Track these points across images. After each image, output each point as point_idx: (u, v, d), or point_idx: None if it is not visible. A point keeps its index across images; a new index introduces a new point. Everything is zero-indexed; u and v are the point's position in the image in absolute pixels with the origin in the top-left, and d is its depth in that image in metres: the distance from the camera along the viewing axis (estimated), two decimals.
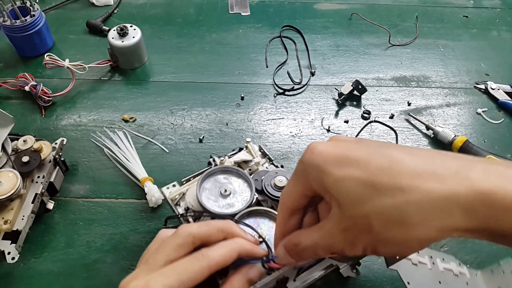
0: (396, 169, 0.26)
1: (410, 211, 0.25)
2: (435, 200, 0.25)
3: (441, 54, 0.80)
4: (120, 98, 0.69)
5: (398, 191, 0.26)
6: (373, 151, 0.28)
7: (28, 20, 0.70)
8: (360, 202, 0.27)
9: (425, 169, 0.26)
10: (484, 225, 0.25)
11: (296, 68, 0.76)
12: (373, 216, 0.27)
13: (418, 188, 0.25)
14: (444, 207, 0.25)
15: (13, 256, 0.47)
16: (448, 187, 0.25)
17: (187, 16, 0.85)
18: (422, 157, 0.27)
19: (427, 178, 0.25)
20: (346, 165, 0.28)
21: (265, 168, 0.52)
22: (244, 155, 0.52)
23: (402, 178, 0.26)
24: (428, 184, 0.25)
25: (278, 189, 0.47)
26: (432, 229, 0.25)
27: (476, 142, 0.65)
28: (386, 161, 0.27)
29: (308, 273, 0.44)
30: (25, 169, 0.52)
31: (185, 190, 0.48)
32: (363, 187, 0.27)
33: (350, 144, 0.29)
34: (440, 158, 0.26)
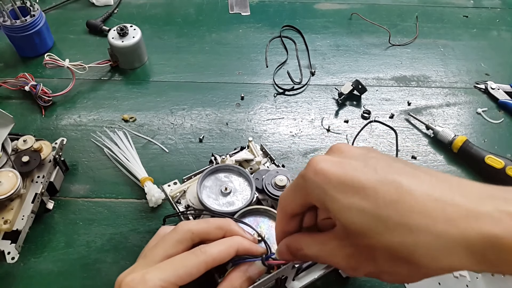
0: (405, 205, 0.26)
1: (418, 252, 0.25)
2: (444, 243, 0.25)
3: (441, 54, 0.80)
4: (120, 98, 0.69)
5: (407, 230, 0.25)
6: (381, 177, 0.27)
7: (28, 20, 0.70)
8: (366, 235, 0.27)
9: (434, 208, 0.25)
10: (493, 269, 0.24)
11: (296, 68, 0.76)
12: (379, 251, 0.27)
13: (427, 229, 0.25)
14: (453, 250, 0.24)
15: (13, 256, 0.47)
16: (458, 230, 0.24)
17: (187, 16, 0.85)
18: (431, 189, 0.26)
19: (437, 219, 0.25)
20: (352, 193, 0.27)
21: (266, 168, 0.52)
22: (245, 154, 0.52)
23: (411, 217, 0.25)
24: (438, 226, 0.25)
25: (278, 188, 0.47)
26: (439, 268, 0.25)
27: (476, 142, 0.65)
28: (395, 193, 0.26)
29: (307, 273, 0.44)
30: (25, 169, 0.52)
31: (186, 188, 0.49)
32: (370, 220, 0.26)
33: (357, 165, 0.28)
34: (449, 191, 0.26)
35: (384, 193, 0.26)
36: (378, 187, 0.26)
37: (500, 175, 0.59)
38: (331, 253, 0.30)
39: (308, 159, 0.62)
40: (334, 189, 0.28)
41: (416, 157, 0.64)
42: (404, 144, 0.65)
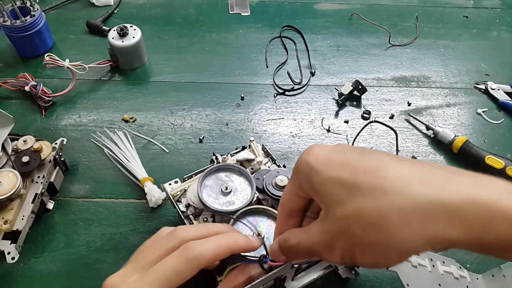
0: (382, 172, 0.26)
1: (391, 214, 0.25)
2: (419, 205, 0.24)
3: (441, 54, 0.80)
4: (120, 98, 0.69)
5: (381, 193, 0.25)
6: (365, 156, 0.28)
7: (28, 20, 0.70)
8: (342, 203, 0.27)
9: (411, 175, 0.25)
10: (473, 235, 0.23)
11: (296, 68, 0.76)
12: (353, 218, 0.26)
13: (401, 191, 0.25)
14: (428, 212, 0.24)
15: (13, 256, 0.47)
16: (433, 192, 0.24)
17: (187, 16, 0.85)
18: (411, 164, 0.26)
19: (412, 183, 0.25)
20: (335, 167, 0.28)
21: (267, 168, 0.52)
22: (246, 154, 0.52)
23: (387, 181, 0.25)
24: (413, 189, 0.25)
25: (279, 188, 0.47)
26: (412, 236, 0.24)
27: (476, 142, 0.65)
28: (375, 164, 0.27)
29: (306, 273, 0.44)
30: (25, 169, 0.52)
31: (187, 187, 0.49)
32: (347, 188, 0.27)
33: (347, 149, 0.29)
34: (429, 167, 0.26)
35: (365, 164, 0.27)
36: (361, 160, 0.27)
37: (500, 176, 0.58)
38: (311, 235, 0.30)
39: None
40: (321, 164, 0.28)
41: (416, 157, 0.64)
42: (404, 145, 0.65)
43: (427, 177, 0.25)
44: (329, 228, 0.28)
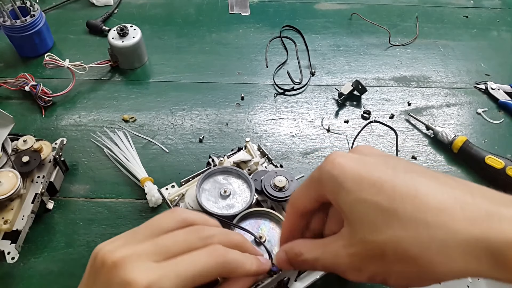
0: (422, 200, 0.24)
1: (433, 249, 0.24)
2: (462, 241, 0.23)
3: (441, 54, 0.80)
4: (120, 98, 0.69)
5: (422, 225, 0.24)
6: (400, 175, 0.26)
7: (28, 20, 0.70)
8: (377, 229, 0.25)
9: (453, 206, 0.24)
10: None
11: (296, 68, 0.76)
12: (389, 246, 0.25)
13: (444, 225, 0.23)
14: (472, 250, 0.23)
15: (13, 256, 0.47)
16: (478, 230, 0.23)
17: (187, 16, 0.85)
18: (450, 189, 0.25)
19: (455, 217, 0.23)
20: (368, 186, 0.26)
21: (264, 168, 0.52)
22: (243, 155, 0.51)
23: (428, 212, 0.24)
24: (456, 223, 0.23)
25: (277, 189, 0.47)
26: (452, 271, 0.24)
27: (476, 142, 0.65)
28: (413, 189, 0.25)
29: (309, 273, 0.44)
30: (25, 169, 0.52)
31: (184, 191, 0.48)
32: (384, 214, 0.25)
33: (376, 163, 0.27)
34: (470, 194, 0.24)
35: (401, 188, 0.25)
36: (396, 183, 0.25)
37: (500, 175, 0.59)
38: (334, 254, 0.28)
39: (308, 159, 0.63)
40: (350, 181, 0.27)
41: (416, 157, 0.64)
42: (404, 145, 0.65)
43: (471, 210, 0.24)
44: (359, 252, 0.27)
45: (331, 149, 0.64)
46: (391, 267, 0.25)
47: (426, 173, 0.26)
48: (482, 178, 0.61)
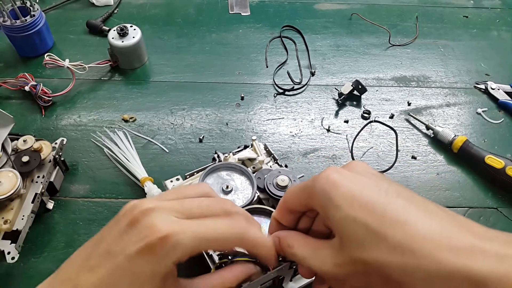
0: (410, 228, 0.25)
1: (416, 276, 0.25)
2: (445, 271, 0.24)
3: (441, 54, 0.80)
4: (120, 98, 0.69)
5: (408, 252, 0.25)
6: (391, 200, 0.27)
7: (28, 20, 0.70)
8: (365, 249, 0.26)
9: (440, 237, 0.25)
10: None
11: (296, 68, 0.76)
12: (373, 266, 0.26)
13: (429, 255, 0.24)
14: (453, 280, 0.24)
15: (13, 256, 0.47)
16: (462, 261, 0.24)
17: (187, 16, 0.85)
18: (439, 221, 0.26)
19: (441, 248, 0.24)
20: (359, 205, 0.27)
21: (269, 167, 0.52)
22: (248, 153, 0.52)
23: (415, 241, 0.25)
24: (441, 254, 0.24)
25: (280, 188, 0.47)
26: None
27: (476, 142, 0.65)
28: (402, 215, 0.26)
29: None
30: (25, 169, 0.52)
31: (188, 184, 0.49)
32: (372, 235, 0.26)
33: (369, 183, 0.28)
34: (457, 227, 0.25)
35: (392, 212, 0.26)
36: (387, 206, 0.26)
37: (500, 175, 0.59)
38: (321, 259, 0.29)
39: (308, 159, 0.63)
40: (342, 198, 0.28)
41: (416, 157, 0.64)
42: (404, 144, 0.65)
43: (456, 242, 0.24)
44: (344, 265, 0.28)
45: (331, 149, 0.64)
46: (373, 285, 0.27)
47: (416, 200, 0.27)
48: (482, 178, 0.61)
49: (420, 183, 0.61)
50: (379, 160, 0.63)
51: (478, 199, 0.59)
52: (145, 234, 0.28)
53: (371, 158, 0.63)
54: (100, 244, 0.29)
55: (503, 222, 0.57)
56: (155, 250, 0.27)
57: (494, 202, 0.59)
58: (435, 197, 0.59)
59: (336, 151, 0.64)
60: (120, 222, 0.29)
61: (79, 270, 0.29)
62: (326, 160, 0.63)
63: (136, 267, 0.27)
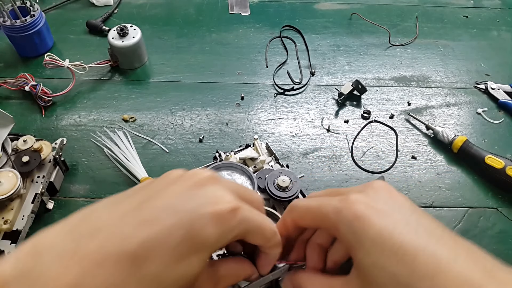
0: (440, 282, 0.25)
1: None
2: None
3: (441, 54, 0.80)
4: (120, 98, 0.69)
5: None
6: (422, 245, 0.26)
7: (28, 20, 0.70)
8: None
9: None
10: None
11: (296, 68, 0.76)
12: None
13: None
14: None
15: None
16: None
17: (187, 16, 0.85)
18: (468, 269, 0.25)
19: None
20: (389, 253, 0.26)
21: (270, 167, 0.52)
22: (250, 152, 0.52)
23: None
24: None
25: (280, 189, 0.47)
26: None
27: (476, 142, 0.65)
28: (432, 267, 0.25)
29: None
30: (25, 169, 0.52)
31: None
32: (400, 286, 0.26)
33: (398, 220, 0.27)
34: (487, 275, 0.25)
35: (421, 264, 0.25)
36: (418, 255, 0.26)
37: (500, 175, 0.59)
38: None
39: (308, 159, 0.63)
40: (371, 243, 0.27)
41: (416, 157, 0.64)
42: (404, 144, 0.65)
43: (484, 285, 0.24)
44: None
45: (331, 149, 0.64)
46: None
47: (445, 241, 0.27)
48: (482, 178, 0.61)
49: (420, 183, 0.61)
50: (379, 160, 0.63)
51: (478, 199, 0.59)
52: (214, 200, 0.26)
53: (371, 158, 0.63)
54: (156, 198, 0.26)
55: (503, 222, 0.57)
56: (225, 219, 0.26)
57: (494, 202, 0.59)
58: (435, 197, 0.59)
59: (336, 151, 0.64)
60: (181, 182, 0.27)
61: (125, 220, 0.25)
62: (326, 160, 0.63)
63: (203, 229, 0.25)
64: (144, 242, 0.24)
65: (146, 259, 0.23)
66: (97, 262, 0.23)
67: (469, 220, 0.57)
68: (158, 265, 0.24)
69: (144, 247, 0.24)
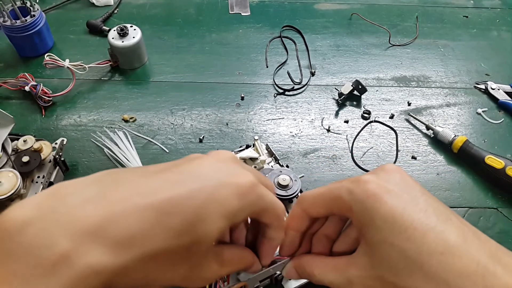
0: (448, 259, 0.25)
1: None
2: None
3: (441, 54, 0.80)
4: (120, 98, 0.70)
5: (443, 285, 0.25)
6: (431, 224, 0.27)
7: (28, 20, 0.70)
8: (398, 274, 0.26)
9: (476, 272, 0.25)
10: None
11: (296, 68, 0.76)
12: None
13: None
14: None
15: None
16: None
17: (187, 16, 0.85)
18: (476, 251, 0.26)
19: (476, 283, 0.24)
20: (399, 230, 0.27)
21: (270, 167, 0.52)
22: (250, 152, 0.52)
23: (451, 273, 0.25)
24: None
25: (281, 187, 0.48)
26: None
27: (476, 142, 0.65)
28: (441, 245, 0.26)
29: None
30: (25, 169, 0.52)
31: None
32: (408, 262, 0.26)
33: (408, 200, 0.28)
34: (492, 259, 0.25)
35: (431, 241, 0.26)
36: (427, 233, 0.26)
37: (500, 175, 0.59)
38: (348, 280, 0.29)
39: (308, 159, 0.63)
40: (382, 221, 0.27)
41: (416, 157, 0.64)
42: (404, 145, 0.65)
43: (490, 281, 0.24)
44: (373, 285, 0.28)
45: (331, 149, 0.64)
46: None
47: (454, 222, 0.27)
48: (482, 178, 0.61)
49: (420, 183, 0.60)
50: (379, 160, 0.63)
51: (478, 199, 0.60)
52: (237, 174, 0.28)
53: (371, 158, 0.63)
54: (182, 165, 0.28)
55: (503, 222, 0.57)
56: (246, 192, 0.27)
57: (494, 202, 0.59)
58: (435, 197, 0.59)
59: (336, 151, 0.64)
60: (206, 157, 0.29)
61: (153, 177, 0.26)
62: (326, 160, 0.63)
63: (226, 198, 0.26)
64: (170, 199, 0.25)
65: (170, 214, 0.24)
66: (123, 209, 0.23)
67: (469, 220, 0.57)
68: (181, 221, 0.25)
69: (170, 203, 0.25)
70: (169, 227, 0.24)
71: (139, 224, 0.23)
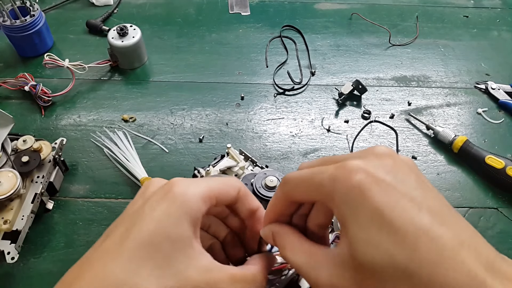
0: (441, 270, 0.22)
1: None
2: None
3: (442, 54, 0.80)
4: (120, 98, 0.69)
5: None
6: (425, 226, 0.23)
7: (28, 20, 0.70)
8: (382, 277, 0.23)
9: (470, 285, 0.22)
10: None
11: (296, 68, 0.76)
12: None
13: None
14: None
15: (12, 256, 0.47)
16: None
17: (187, 16, 0.84)
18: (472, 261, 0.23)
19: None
20: (387, 231, 0.23)
21: (250, 171, 0.52)
22: (227, 162, 0.52)
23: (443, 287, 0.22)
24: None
25: (269, 189, 0.48)
26: None
27: (477, 142, 0.65)
28: (435, 253, 0.22)
29: None
30: (24, 169, 0.52)
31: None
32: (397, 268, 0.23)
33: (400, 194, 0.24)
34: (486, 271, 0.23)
35: (423, 248, 0.23)
36: (420, 237, 0.23)
37: (500, 175, 0.59)
38: (316, 276, 0.26)
39: (308, 159, 0.62)
40: (368, 219, 0.23)
41: (416, 157, 0.64)
42: (404, 144, 0.65)
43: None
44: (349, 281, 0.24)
45: (331, 149, 0.64)
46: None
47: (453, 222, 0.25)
48: (482, 178, 0.61)
49: None
50: None
51: (479, 199, 0.59)
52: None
53: None
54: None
55: (503, 222, 0.57)
56: (190, 205, 0.27)
57: (494, 202, 0.59)
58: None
59: (336, 151, 0.64)
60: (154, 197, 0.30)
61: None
62: None
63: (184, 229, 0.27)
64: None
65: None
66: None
67: (470, 220, 0.57)
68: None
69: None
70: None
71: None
